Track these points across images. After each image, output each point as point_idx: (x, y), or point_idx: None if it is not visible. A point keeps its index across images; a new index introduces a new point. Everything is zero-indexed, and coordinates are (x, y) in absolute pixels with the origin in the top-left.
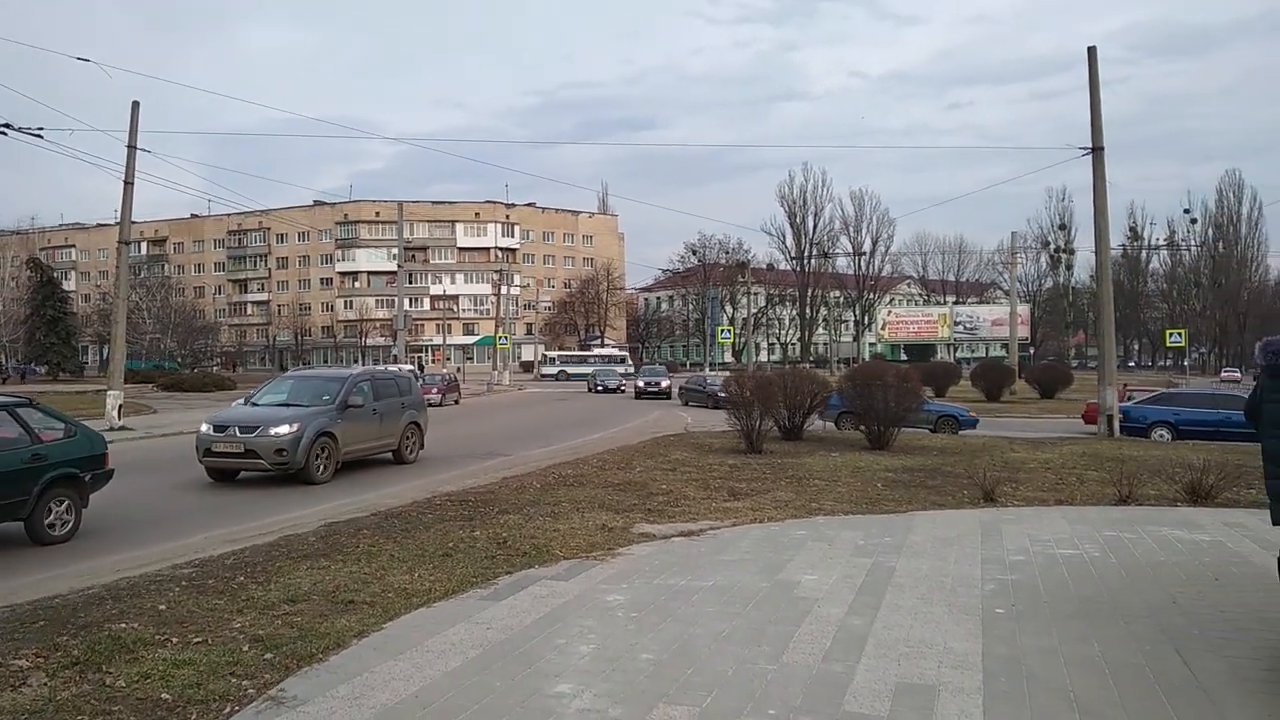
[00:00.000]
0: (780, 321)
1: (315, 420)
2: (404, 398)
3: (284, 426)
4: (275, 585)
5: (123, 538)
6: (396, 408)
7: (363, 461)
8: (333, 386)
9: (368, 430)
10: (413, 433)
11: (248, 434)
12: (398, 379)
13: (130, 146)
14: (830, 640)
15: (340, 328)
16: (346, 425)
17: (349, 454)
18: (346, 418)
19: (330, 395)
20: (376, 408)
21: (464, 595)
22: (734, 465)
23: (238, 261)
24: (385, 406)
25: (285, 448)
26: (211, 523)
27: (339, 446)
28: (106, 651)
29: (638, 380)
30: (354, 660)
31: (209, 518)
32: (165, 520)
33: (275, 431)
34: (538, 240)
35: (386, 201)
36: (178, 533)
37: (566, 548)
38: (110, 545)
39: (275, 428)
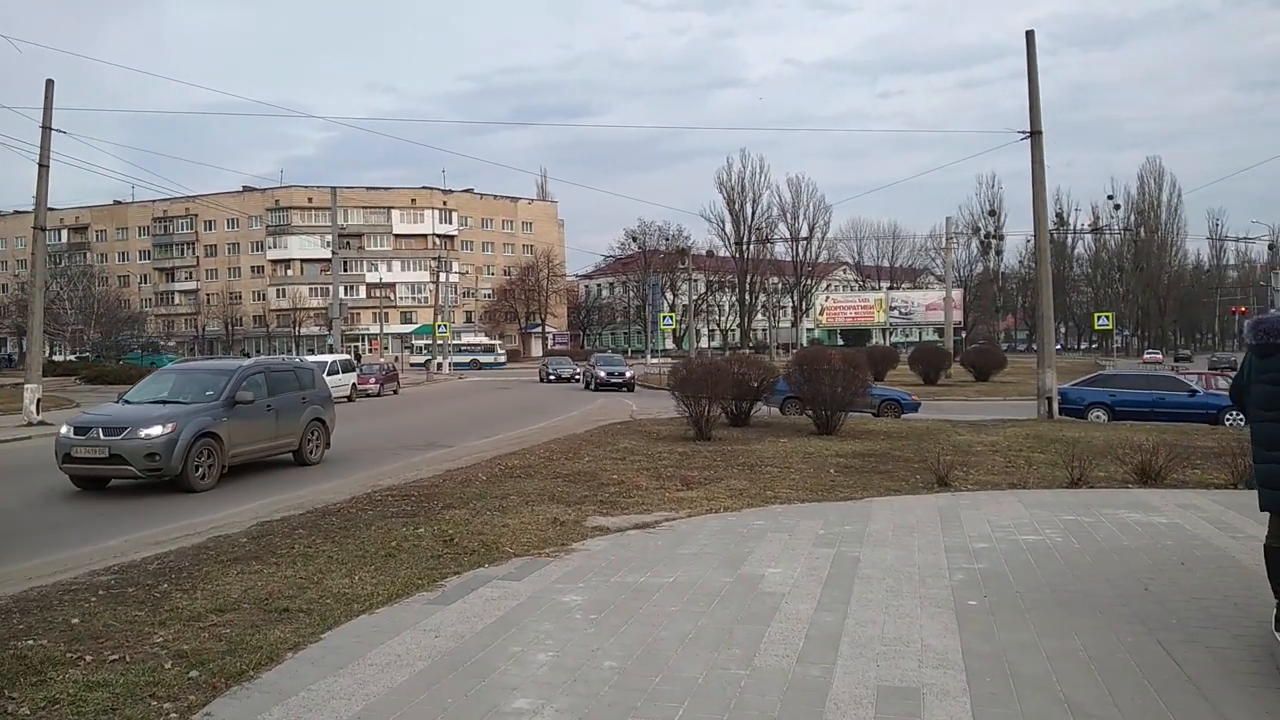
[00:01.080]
0: (720, 308)
1: (195, 419)
2: (305, 392)
3: (156, 427)
4: (202, 593)
5: (35, 542)
6: (296, 403)
7: (277, 462)
8: (218, 380)
9: (261, 429)
10: (316, 431)
11: (113, 436)
12: (298, 371)
13: (45, 127)
14: (803, 640)
15: (273, 317)
16: (234, 424)
17: (239, 456)
18: (235, 415)
19: (215, 390)
20: (271, 404)
21: (409, 600)
22: (684, 453)
23: (164, 249)
24: (282, 402)
25: (158, 451)
26: (133, 524)
27: (225, 448)
28: (10, 673)
29: (596, 370)
30: (289, 677)
31: (130, 518)
32: (82, 521)
33: (146, 433)
34: (476, 227)
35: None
36: (96, 535)
37: (517, 544)
38: (21, 550)
39: (146, 429)
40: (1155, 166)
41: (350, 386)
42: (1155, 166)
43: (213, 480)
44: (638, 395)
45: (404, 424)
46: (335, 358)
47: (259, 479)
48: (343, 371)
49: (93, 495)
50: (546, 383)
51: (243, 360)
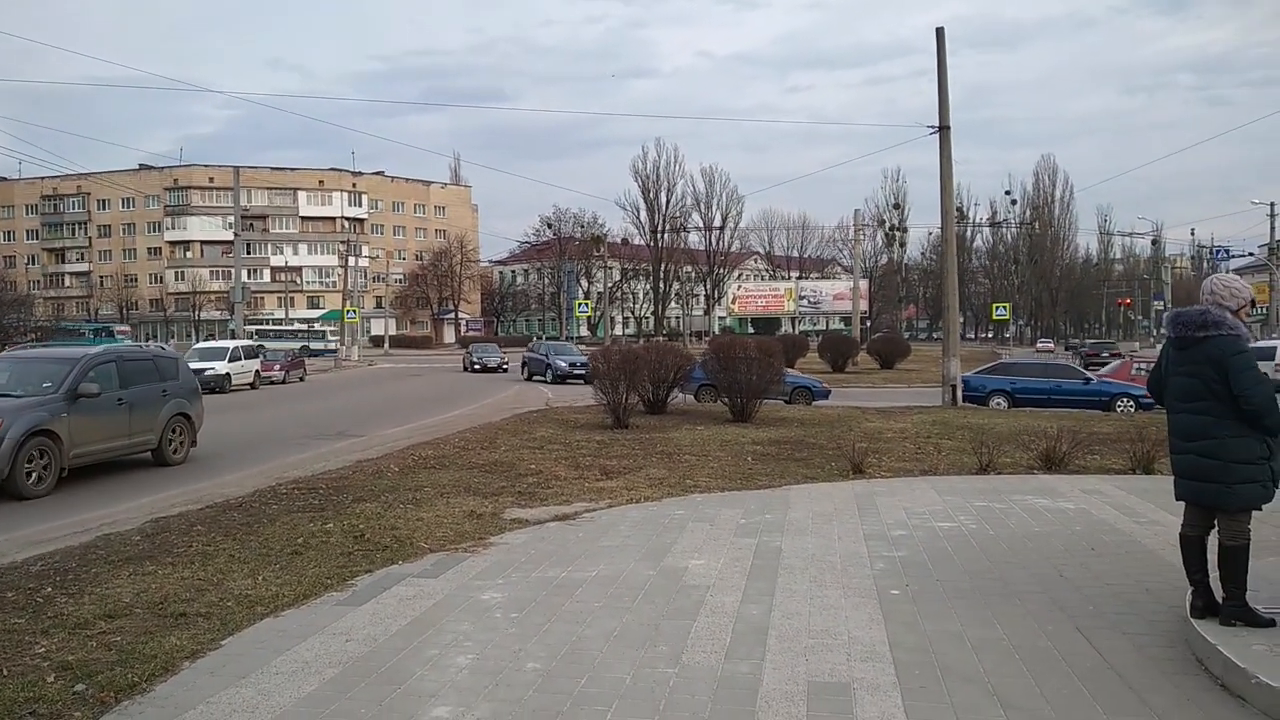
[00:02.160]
0: (635, 295)
1: (26, 415)
2: (166, 384)
3: None
4: (90, 597)
5: None
6: (154, 396)
7: (135, 462)
8: (58, 370)
9: (110, 425)
10: (179, 427)
11: None
12: (158, 360)
13: None
14: (730, 635)
15: (171, 300)
16: (77, 420)
17: (83, 457)
18: (77, 410)
19: (54, 382)
20: (124, 397)
21: (317, 601)
22: (602, 441)
23: (53, 229)
24: (137, 395)
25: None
26: (13, 520)
27: (64, 448)
28: None
29: (554, 359)
30: (185, 688)
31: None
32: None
33: None
34: (387, 210)
35: (221, 166)
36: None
37: (432, 539)
38: None
39: None
40: (1050, 164)
41: (253, 373)
42: (1050, 164)
43: (49, 485)
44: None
45: (311, 412)
46: (238, 343)
47: (111, 481)
48: (246, 358)
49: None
50: (471, 372)
51: (90, 348)
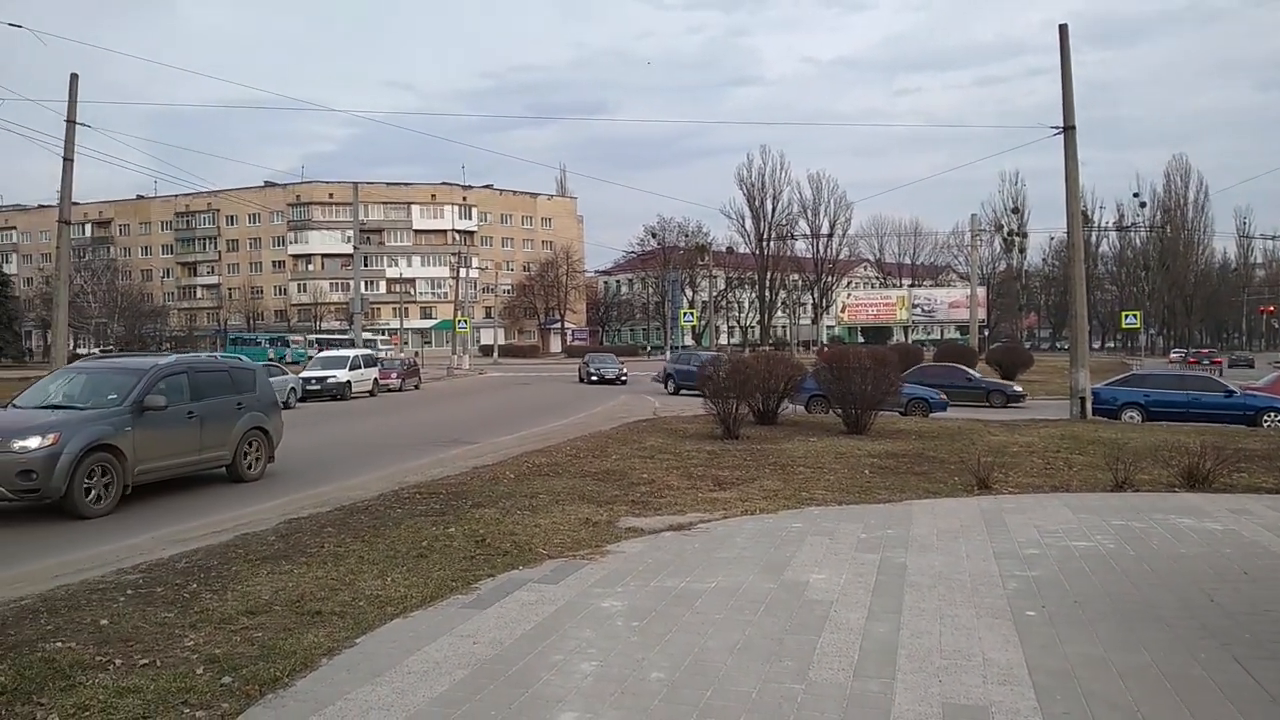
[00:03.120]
0: (740, 304)
1: (87, 428)
2: (241, 396)
3: (33, 439)
4: (233, 594)
5: (60, 537)
6: (228, 410)
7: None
8: (124, 382)
9: (180, 440)
10: (256, 441)
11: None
12: (234, 371)
13: (69, 121)
14: (857, 652)
15: (294, 311)
16: (142, 434)
17: (150, 473)
18: (143, 424)
19: (119, 394)
20: (195, 410)
21: (444, 603)
22: (713, 452)
23: (186, 244)
24: (210, 408)
25: (34, 468)
26: (159, 519)
27: (127, 464)
28: (38, 677)
29: (674, 365)
30: (324, 684)
31: (156, 514)
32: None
33: (19, 445)
34: (496, 222)
35: (340, 182)
36: (122, 531)
37: (550, 545)
38: (46, 546)
39: (20, 440)
40: (1182, 164)
41: (372, 381)
42: (1182, 164)
43: (110, 503)
44: (658, 392)
45: (427, 419)
46: (358, 352)
47: (182, 498)
48: (365, 366)
49: None
50: (588, 383)
51: (160, 358)
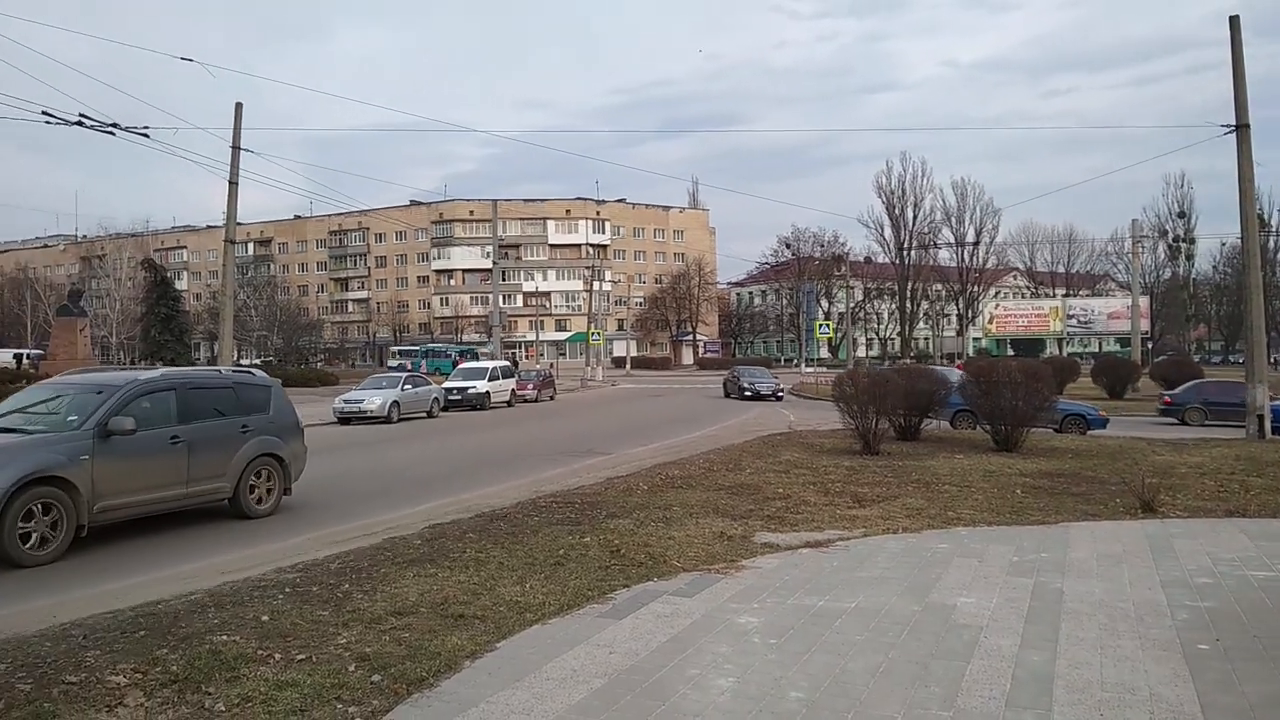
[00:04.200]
0: (879, 316)
1: (23, 458)
2: (249, 417)
3: None
4: (381, 595)
5: (229, 536)
6: (230, 433)
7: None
8: (88, 402)
9: (159, 470)
10: (267, 471)
11: None
12: (241, 388)
13: (234, 147)
14: (1009, 680)
15: (436, 324)
16: (106, 463)
17: (115, 511)
18: (107, 451)
19: (80, 415)
20: (181, 434)
21: (580, 611)
22: (851, 467)
23: (339, 260)
24: (203, 432)
25: None
26: (317, 521)
27: (82, 500)
28: (206, 668)
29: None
30: (467, 686)
31: (316, 515)
32: (270, 518)
33: None
34: (628, 236)
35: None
36: (283, 531)
37: (685, 558)
38: (217, 544)
39: None
40: None
41: (510, 392)
42: None
43: (55, 549)
44: (792, 405)
45: (561, 430)
46: (496, 363)
47: (167, 538)
48: (503, 377)
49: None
50: (741, 399)
51: (143, 372)
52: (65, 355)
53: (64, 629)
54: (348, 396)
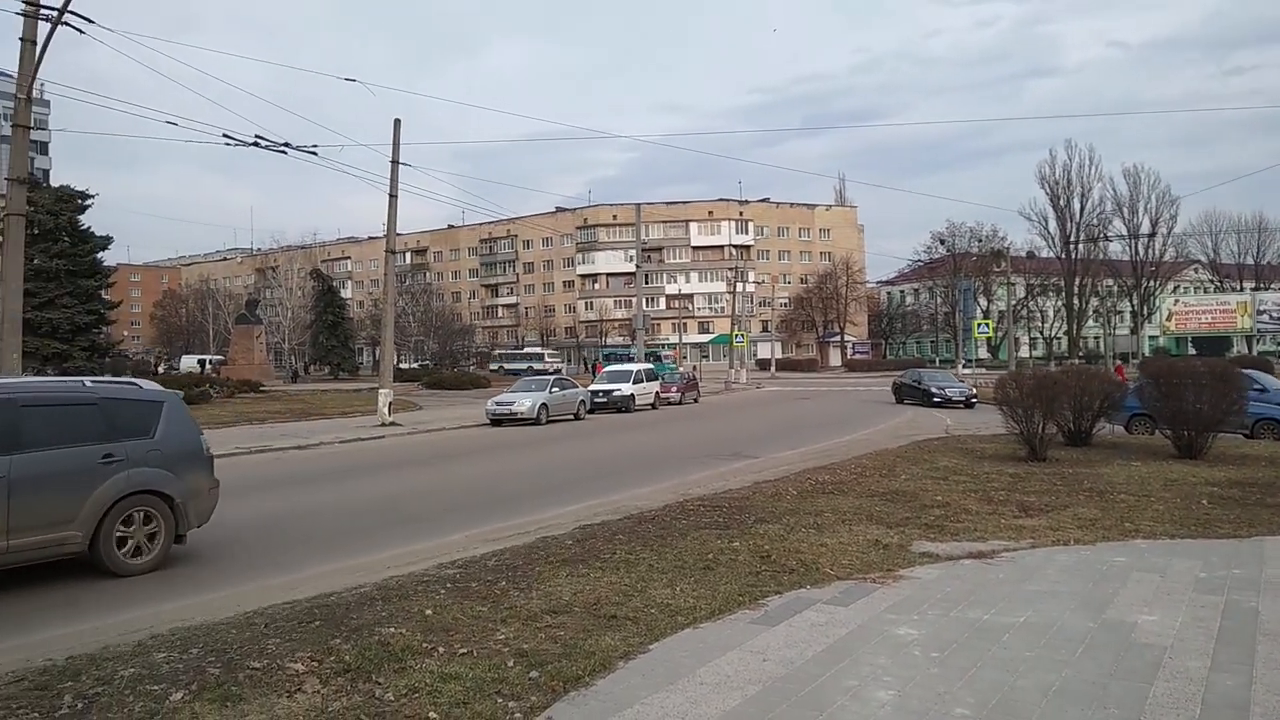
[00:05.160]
0: (1043, 314)
1: None
2: (116, 444)
3: None
4: (537, 593)
5: (392, 532)
6: (83, 465)
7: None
8: None
9: None
10: (149, 514)
11: None
12: (106, 405)
13: (393, 162)
14: (1199, 706)
15: (582, 328)
16: None
17: None
18: None
19: None
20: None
21: (731, 616)
22: (1016, 475)
23: (489, 267)
24: (37, 464)
25: None
26: (473, 520)
27: None
28: (376, 659)
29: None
30: (621, 686)
31: (472, 514)
32: (428, 516)
33: None
34: (772, 236)
35: (623, 204)
36: (441, 528)
37: (838, 566)
38: (383, 540)
39: None
40: None
41: (654, 394)
42: None
43: None
44: (947, 408)
45: (706, 433)
46: (641, 366)
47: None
48: (647, 380)
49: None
50: (929, 405)
51: None
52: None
53: (247, 617)
54: (499, 399)
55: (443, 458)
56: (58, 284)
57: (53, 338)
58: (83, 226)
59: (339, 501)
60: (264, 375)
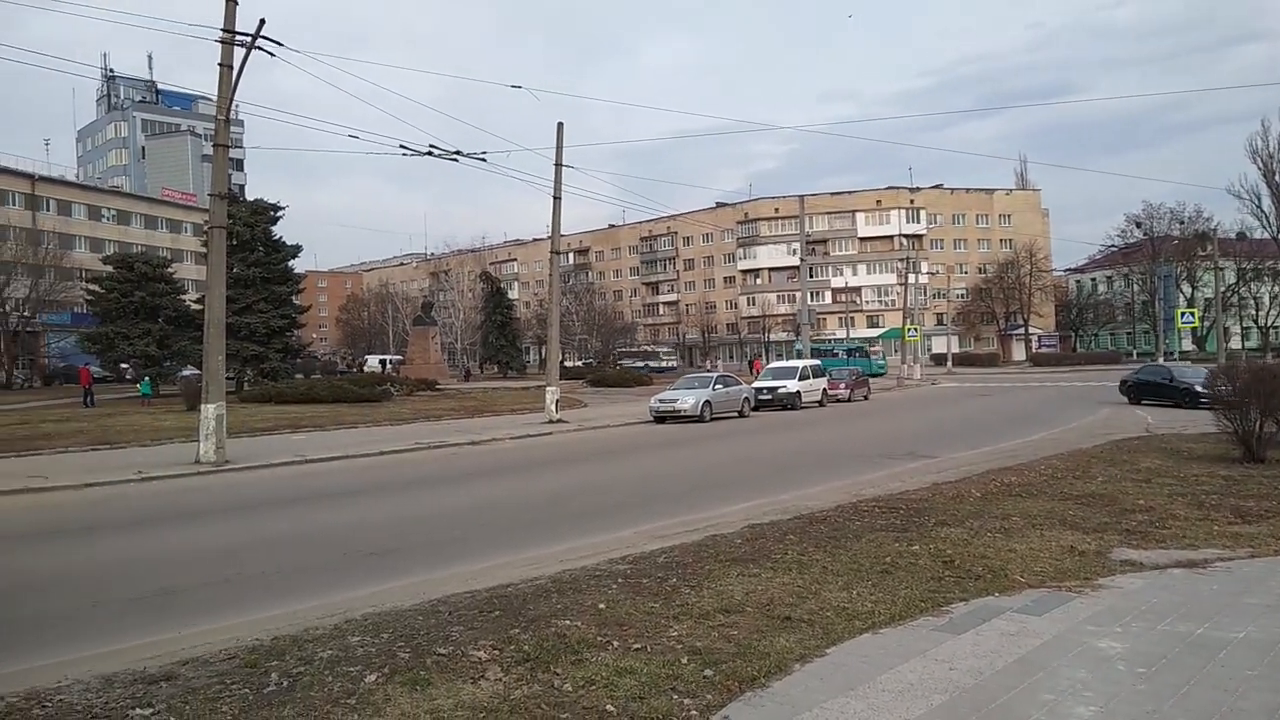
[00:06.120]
0: (1257, 301)
1: None
2: None
3: None
4: (708, 591)
5: (562, 527)
6: None
7: None
8: None
9: None
10: None
11: None
12: None
13: (557, 164)
14: None
15: (743, 324)
16: None
17: None
18: None
19: None
20: None
21: (913, 623)
22: (1230, 477)
23: (649, 265)
24: None
25: None
26: (640, 516)
27: None
28: (553, 650)
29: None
30: (798, 689)
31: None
32: (596, 511)
33: None
34: (946, 224)
35: (785, 197)
36: (610, 524)
37: (1029, 573)
38: (554, 533)
39: None
40: None
41: (821, 391)
42: None
43: None
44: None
45: (878, 431)
46: (807, 362)
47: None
48: (814, 377)
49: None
50: (1187, 405)
51: None
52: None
53: (432, 605)
54: (662, 396)
55: (608, 454)
56: (254, 290)
57: (250, 340)
58: (275, 237)
59: (511, 495)
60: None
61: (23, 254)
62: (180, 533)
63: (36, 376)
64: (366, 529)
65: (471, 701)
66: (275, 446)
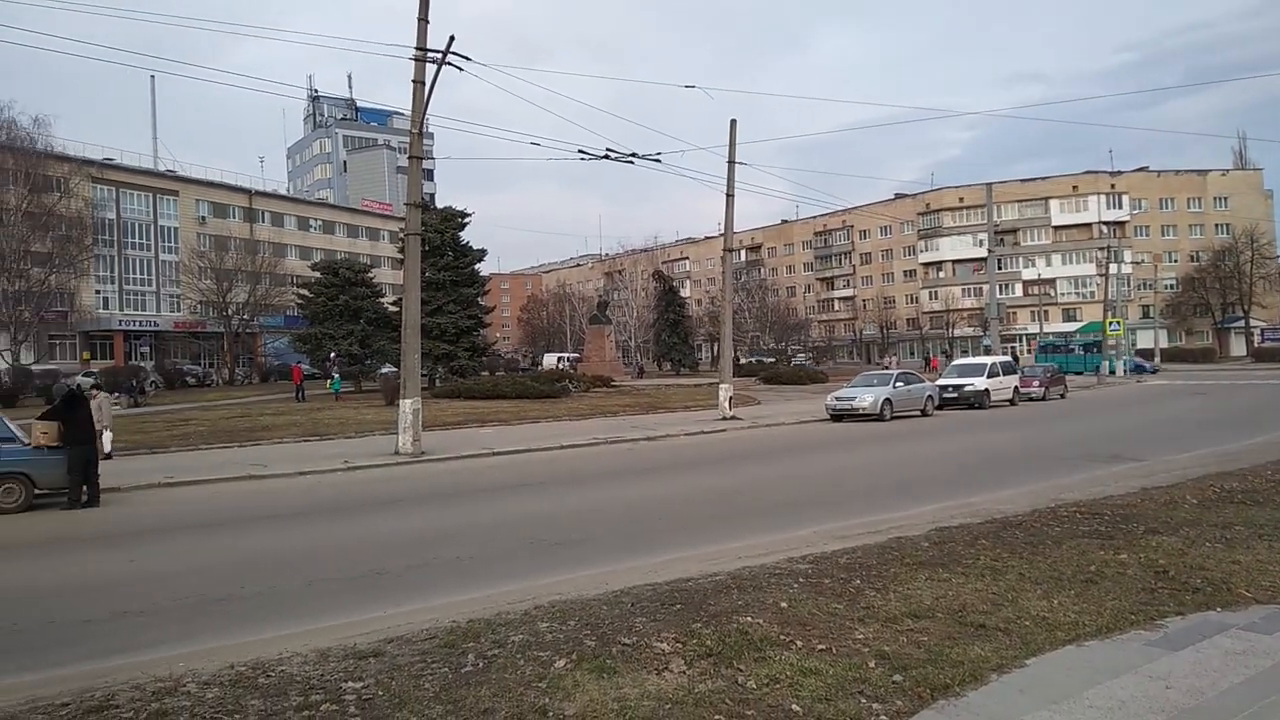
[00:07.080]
0: None
1: None
2: None
3: None
4: (894, 594)
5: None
6: None
7: None
8: None
9: None
10: None
11: None
12: None
13: (730, 162)
14: None
15: (925, 319)
16: None
17: None
18: None
19: None
20: None
21: (1122, 636)
22: None
23: (824, 260)
24: None
25: None
26: (818, 515)
27: None
28: (736, 646)
29: None
30: (997, 701)
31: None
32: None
33: None
34: (1152, 209)
35: (970, 185)
36: (787, 522)
37: (1255, 587)
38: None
39: None
40: None
41: (1012, 389)
42: None
43: None
44: None
45: (1076, 432)
46: (995, 359)
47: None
48: (1004, 374)
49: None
50: None
51: None
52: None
53: (615, 596)
54: (839, 394)
55: (784, 452)
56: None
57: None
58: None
59: (686, 491)
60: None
61: (242, 262)
62: (382, 519)
63: (255, 373)
64: (550, 519)
65: (657, 692)
66: (465, 439)
